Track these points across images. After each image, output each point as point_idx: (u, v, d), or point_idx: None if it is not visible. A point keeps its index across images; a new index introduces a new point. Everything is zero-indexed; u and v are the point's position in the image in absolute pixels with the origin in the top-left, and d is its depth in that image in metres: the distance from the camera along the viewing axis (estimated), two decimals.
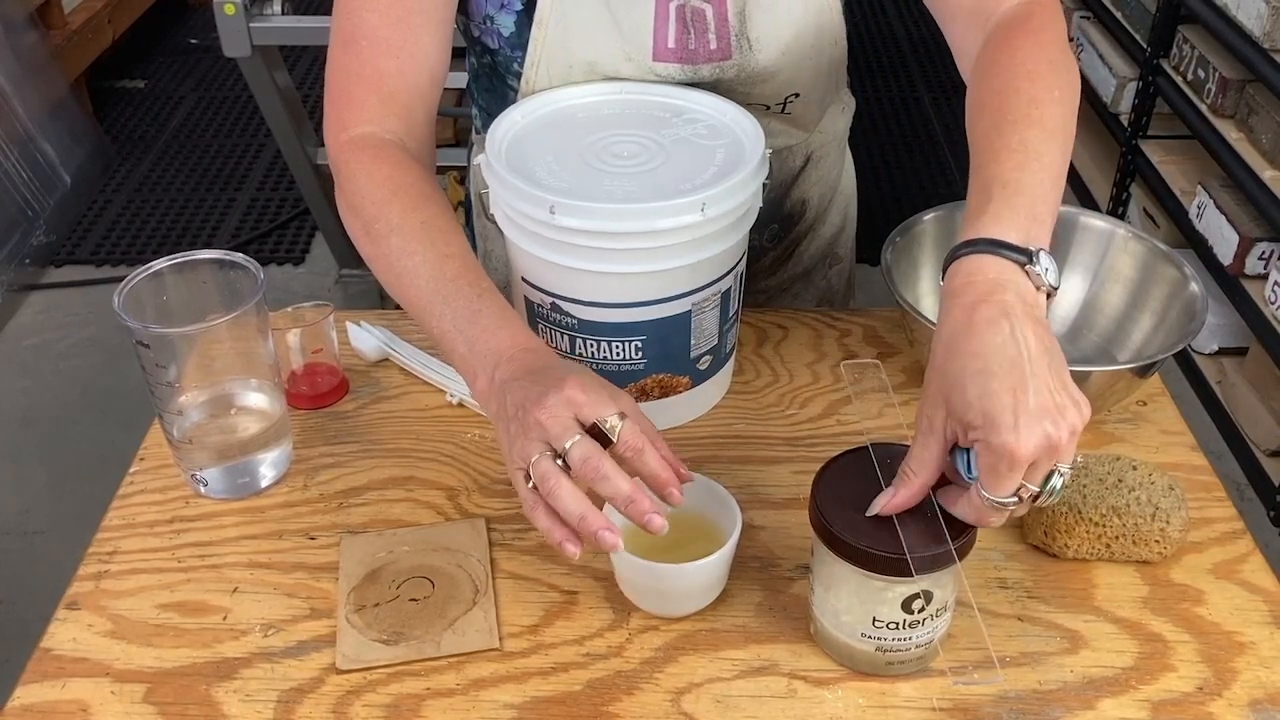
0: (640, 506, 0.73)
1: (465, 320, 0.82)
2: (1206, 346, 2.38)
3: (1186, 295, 0.99)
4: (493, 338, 0.80)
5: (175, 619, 0.82)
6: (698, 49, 0.98)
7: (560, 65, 0.98)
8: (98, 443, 2.32)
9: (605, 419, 0.73)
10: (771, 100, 1.03)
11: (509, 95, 1.03)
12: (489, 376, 0.79)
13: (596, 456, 0.73)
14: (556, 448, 0.73)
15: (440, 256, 0.85)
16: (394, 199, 0.88)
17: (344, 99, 0.94)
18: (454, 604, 0.83)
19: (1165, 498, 0.85)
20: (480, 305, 0.82)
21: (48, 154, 3.02)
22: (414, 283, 0.85)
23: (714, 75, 0.99)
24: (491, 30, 0.99)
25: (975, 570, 0.85)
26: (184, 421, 0.90)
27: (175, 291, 0.90)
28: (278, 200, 3.15)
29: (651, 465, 0.75)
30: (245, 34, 2.11)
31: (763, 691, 0.77)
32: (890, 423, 0.96)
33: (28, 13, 3.10)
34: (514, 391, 0.76)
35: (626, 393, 0.80)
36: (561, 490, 0.72)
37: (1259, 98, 2.21)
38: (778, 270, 1.19)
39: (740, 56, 0.98)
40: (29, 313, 2.74)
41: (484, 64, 1.05)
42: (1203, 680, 0.78)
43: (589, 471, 0.72)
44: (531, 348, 0.80)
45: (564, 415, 0.73)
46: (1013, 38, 0.87)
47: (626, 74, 0.99)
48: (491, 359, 0.79)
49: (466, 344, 0.81)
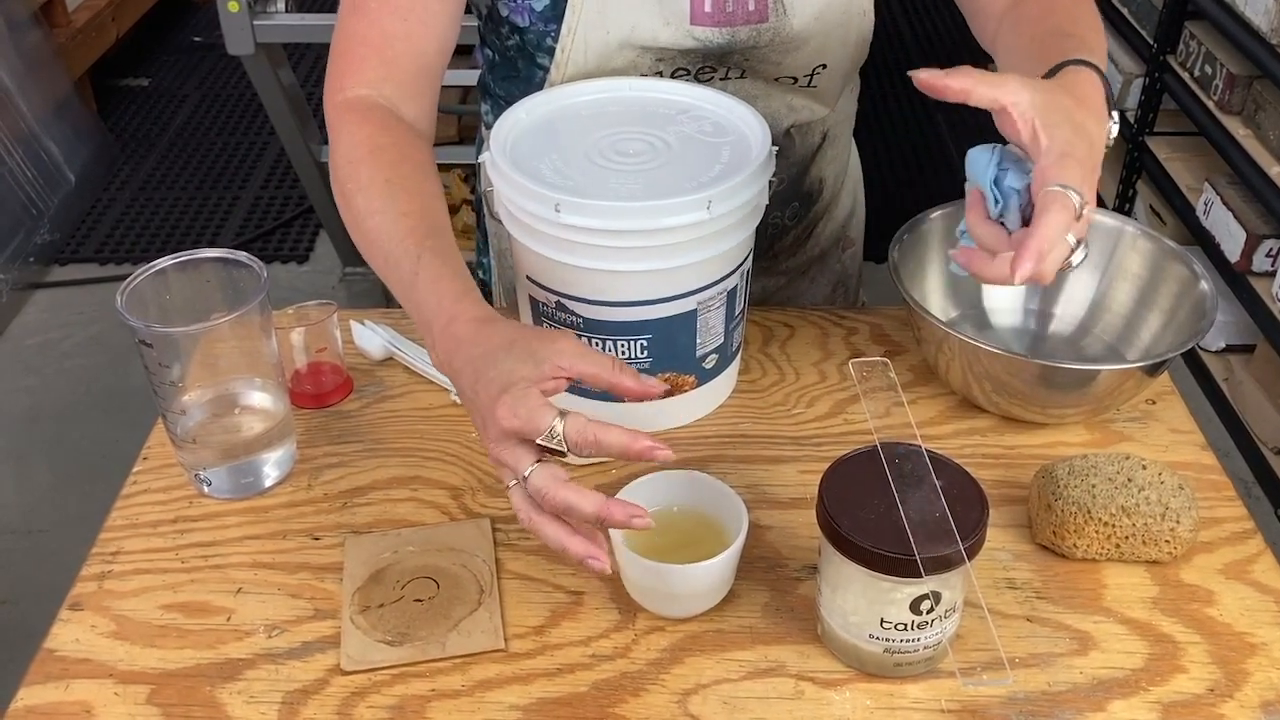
0: (614, 519, 0.72)
1: (406, 284, 0.81)
2: (1213, 344, 2.38)
3: (1196, 294, 0.98)
4: (425, 304, 0.80)
5: (179, 620, 0.82)
6: (735, 11, 0.97)
7: (598, 34, 0.97)
8: (101, 441, 2.32)
9: (543, 434, 0.72)
10: (801, 72, 1.03)
11: (536, 77, 1.02)
12: (433, 348, 0.79)
13: (553, 488, 0.72)
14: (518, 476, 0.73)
15: (397, 216, 0.84)
16: (367, 159, 0.88)
17: (345, 59, 0.94)
18: (459, 605, 0.82)
19: (1175, 497, 0.84)
20: (418, 268, 0.81)
21: (52, 152, 3.02)
22: (375, 245, 0.85)
23: (750, 39, 0.99)
24: (523, 7, 0.98)
25: (984, 570, 0.85)
26: (187, 421, 0.90)
27: (178, 290, 0.89)
28: (281, 198, 3.15)
29: (613, 445, 0.72)
30: (249, 32, 2.10)
31: (770, 693, 0.77)
32: (898, 421, 0.96)
33: (31, 11, 3.10)
34: (456, 384, 0.77)
35: (556, 336, 0.77)
36: (543, 530, 0.73)
37: (1266, 94, 2.20)
38: (797, 251, 1.19)
39: (776, 19, 0.99)
40: (33, 311, 2.74)
41: (509, 47, 1.04)
42: (1214, 682, 0.77)
43: (551, 505, 0.72)
44: (456, 318, 0.78)
45: (509, 446, 0.73)
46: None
47: (665, 40, 0.98)
48: (427, 330, 0.79)
49: (412, 308, 0.81)
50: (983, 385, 0.95)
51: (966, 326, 1.06)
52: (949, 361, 0.97)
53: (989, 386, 0.95)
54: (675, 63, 1.01)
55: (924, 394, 1.02)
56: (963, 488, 0.75)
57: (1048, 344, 1.06)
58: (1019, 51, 0.91)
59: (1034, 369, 0.92)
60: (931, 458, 0.77)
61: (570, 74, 1.00)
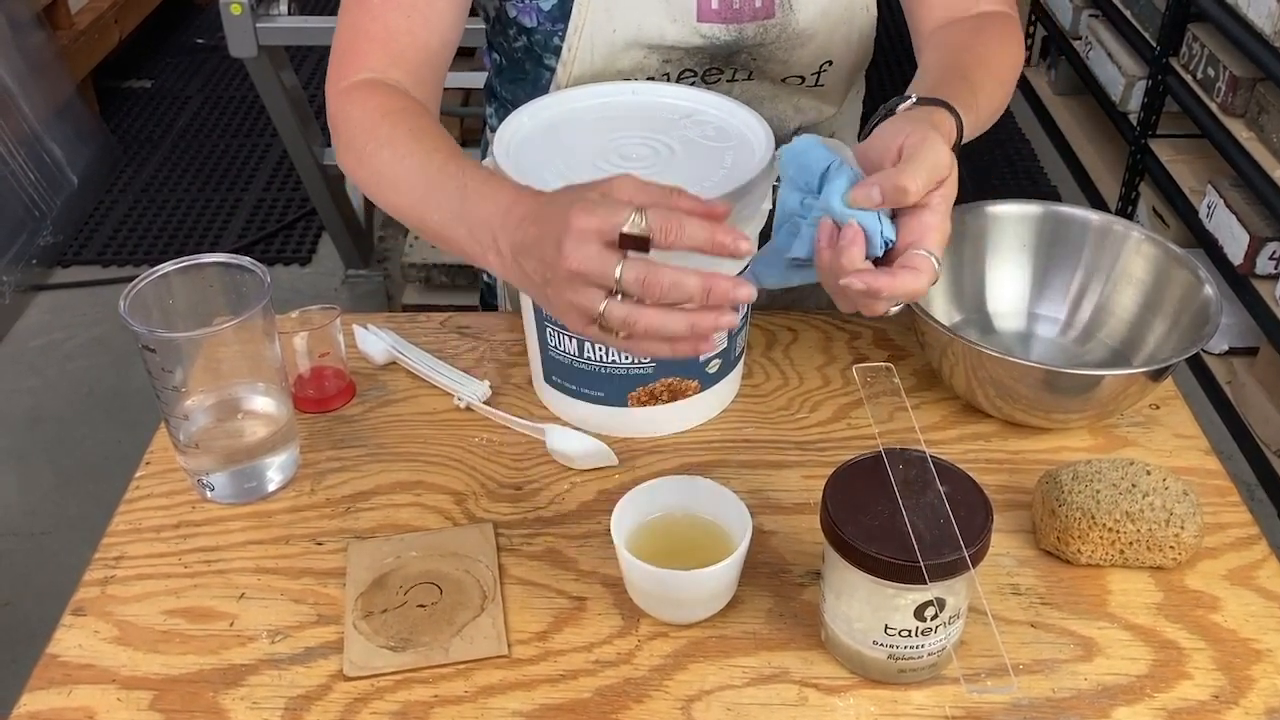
0: (720, 291, 0.70)
1: (456, 201, 0.80)
2: (1217, 347, 2.38)
3: (1200, 298, 0.98)
4: (480, 208, 0.78)
5: (182, 625, 0.82)
6: (742, 8, 0.98)
7: (605, 32, 0.97)
8: (104, 443, 2.32)
9: (625, 224, 0.69)
10: (807, 70, 1.03)
11: (543, 78, 1.02)
12: (496, 251, 0.77)
13: (651, 272, 0.69)
14: (608, 286, 0.70)
15: (427, 153, 0.84)
16: (384, 120, 0.88)
17: (349, 53, 0.93)
18: (462, 610, 0.82)
19: (1180, 503, 0.84)
20: (465, 179, 0.80)
21: (54, 154, 3.02)
22: (408, 187, 0.84)
23: (758, 36, 0.99)
24: (530, 8, 0.98)
25: (988, 576, 0.85)
26: (190, 426, 0.90)
27: (181, 295, 0.89)
28: (284, 201, 3.15)
29: (698, 236, 0.70)
30: (252, 34, 2.10)
31: (773, 699, 0.76)
32: (902, 426, 0.95)
33: (34, 13, 3.10)
34: (528, 256, 0.74)
35: (620, 179, 0.74)
36: (648, 321, 0.70)
37: (1269, 96, 2.20)
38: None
39: (782, 15, 0.99)
40: (36, 313, 2.74)
41: (517, 48, 1.04)
42: (1218, 688, 0.77)
43: (653, 291, 0.69)
44: (518, 200, 0.77)
45: (591, 250, 0.70)
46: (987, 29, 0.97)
47: (672, 38, 0.98)
48: (489, 231, 0.77)
49: (465, 227, 0.79)
50: (986, 390, 0.95)
51: (970, 331, 1.06)
52: (953, 366, 0.97)
53: (993, 391, 0.95)
54: (682, 64, 1.01)
55: (928, 399, 1.02)
56: (967, 493, 0.75)
57: (1052, 349, 1.05)
58: (927, 75, 0.93)
59: (1038, 374, 0.92)
60: (935, 463, 0.76)
61: (577, 74, 1.00)
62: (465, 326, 1.10)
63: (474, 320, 1.11)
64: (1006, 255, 1.07)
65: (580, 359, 0.93)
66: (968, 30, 0.98)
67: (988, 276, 1.08)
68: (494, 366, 1.05)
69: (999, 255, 1.07)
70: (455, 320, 1.11)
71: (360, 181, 0.90)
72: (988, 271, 1.08)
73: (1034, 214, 1.07)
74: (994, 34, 0.97)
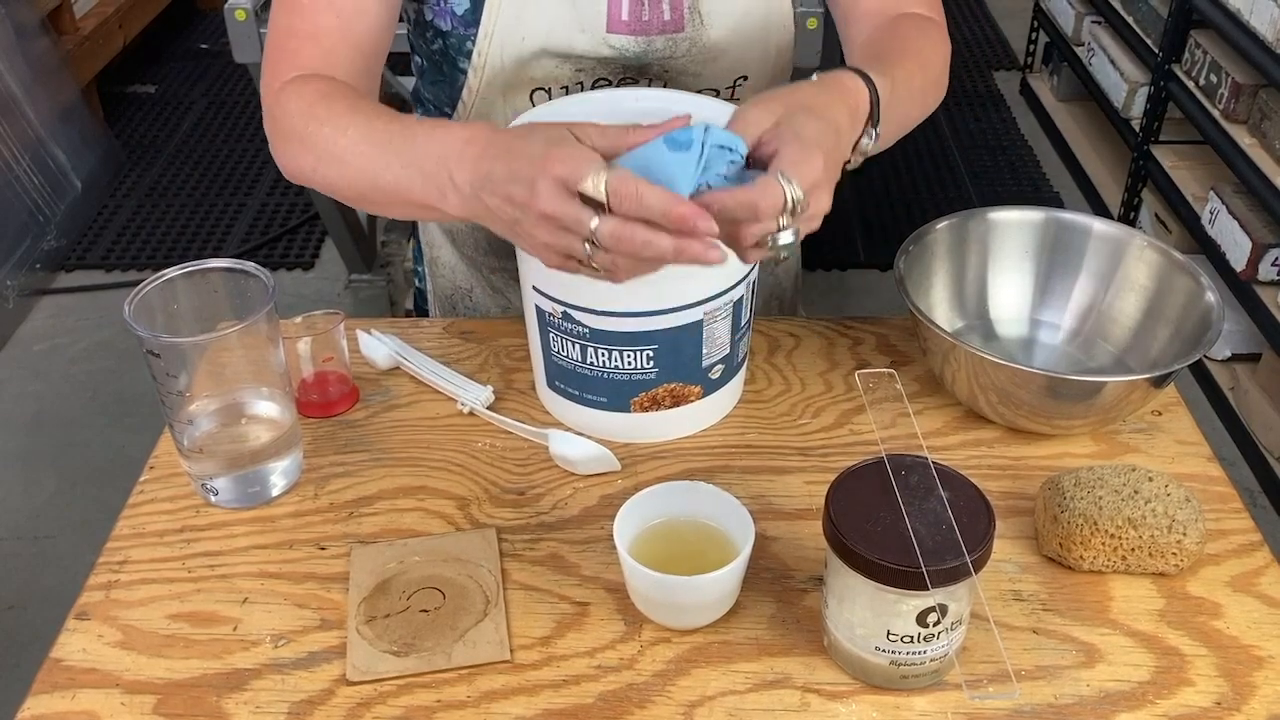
0: (692, 250, 0.71)
1: (407, 149, 0.81)
2: (1219, 353, 2.37)
3: (1203, 305, 0.98)
4: (433, 148, 0.79)
5: (185, 629, 0.82)
6: (651, 20, 0.98)
7: (514, 39, 0.98)
8: (108, 447, 2.33)
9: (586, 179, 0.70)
10: (721, 84, 1.04)
11: (459, 80, 1.03)
12: (454, 186, 0.78)
13: (626, 229, 0.70)
14: (581, 234, 0.72)
15: (368, 119, 0.85)
16: (321, 99, 0.88)
17: (282, 53, 0.94)
18: (465, 615, 0.82)
19: (1182, 509, 0.84)
20: (413, 129, 0.81)
21: (58, 159, 3.03)
22: (354, 154, 0.85)
23: (668, 49, 1.00)
24: (445, 11, 0.99)
25: (990, 582, 0.85)
26: (194, 430, 0.90)
27: (186, 300, 0.89)
28: (288, 205, 3.16)
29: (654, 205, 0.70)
30: (256, 39, 2.11)
31: (775, 705, 0.76)
32: (904, 432, 0.96)
33: (39, 18, 3.11)
34: (492, 192, 0.75)
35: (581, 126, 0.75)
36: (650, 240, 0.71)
37: (1272, 103, 2.20)
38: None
39: (692, 30, 0.99)
40: (40, 317, 2.74)
41: (434, 51, 1.05)
42: (1220, 695, 0.77)
43: (625, 248, 0.71)
44: (473, 137, 0.78)
45: (565, 197, 0.71)
46: (905, 24, 0.98)
47: (581, 48, 0.99)
48: (444, 168, 0.78)
49: (419, 172, 0.80)
50: (989, 396, 0.95)
51: (973, 337, 1.06)
52: (955, 372, 0.97)
53: (995, 397, 0.95)
54: (595, 72, 1.01)
55: (930, 405, 1.02)
56: (969, 499, 0.75)
57: (1054, 355, 1.06)
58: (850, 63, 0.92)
59: (1040, 380, 0.92)
60: (938, 469, 0.77)
61: (489, 79, 1.01)
62: (468, 331, 1.11)
63: (477, 325, 1.12)
64: (1009, 261, 1.07)
65: (583, 364, 0.93)
66: (887, 28, 0.99)
67: (990, 283, 1.08)
68: (497, 371, 1.05)
69: (1001, 261, 1.07)
70: (458, 325, 1.12)
71: (303, 170, 0.90)
72: (990, 278, 1.08)
73: (1036, 220, 1.07)
74: (912, 27, 0.98)
